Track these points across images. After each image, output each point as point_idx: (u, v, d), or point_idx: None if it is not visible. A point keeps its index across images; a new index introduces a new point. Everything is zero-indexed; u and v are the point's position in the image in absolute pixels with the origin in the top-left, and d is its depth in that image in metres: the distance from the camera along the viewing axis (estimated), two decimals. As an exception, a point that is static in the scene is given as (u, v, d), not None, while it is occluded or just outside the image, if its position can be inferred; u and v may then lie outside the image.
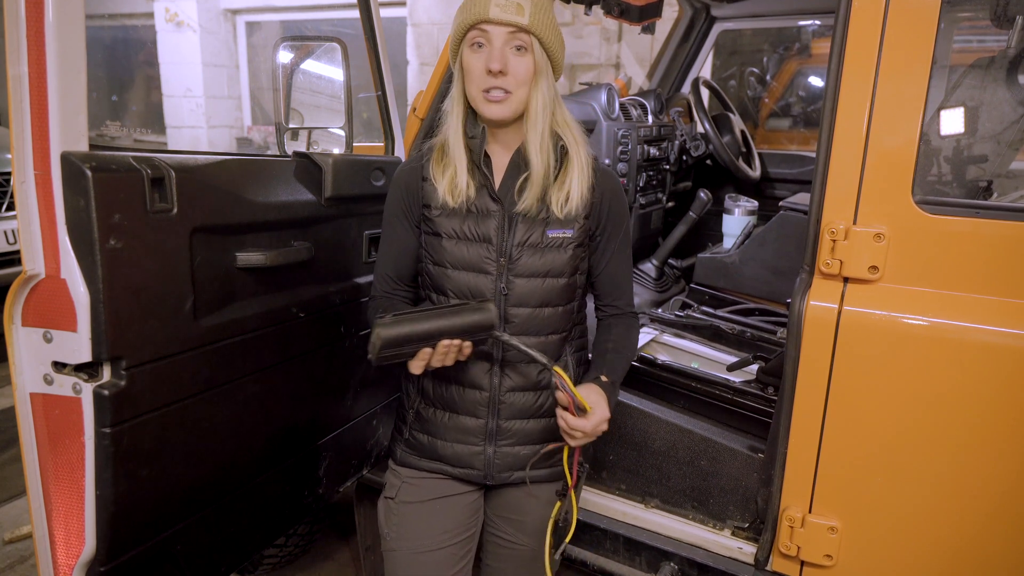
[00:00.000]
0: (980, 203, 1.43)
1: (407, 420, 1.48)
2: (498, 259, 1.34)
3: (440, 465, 1.44)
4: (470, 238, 1.35)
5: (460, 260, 1.35)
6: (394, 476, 1.50)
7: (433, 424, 1.44)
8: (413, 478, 1.47)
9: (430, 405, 1.44)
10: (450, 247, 1.35)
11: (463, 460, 1.42)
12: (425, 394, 1.45)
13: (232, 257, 1.38)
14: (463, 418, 1.41)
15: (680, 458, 1.72)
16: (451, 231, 1.35)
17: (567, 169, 1.35)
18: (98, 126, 8.14)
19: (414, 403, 1.47)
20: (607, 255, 1.42)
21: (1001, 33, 1.82)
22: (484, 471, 1.42)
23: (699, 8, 3.11)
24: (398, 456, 1.50)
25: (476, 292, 1.35)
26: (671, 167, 2.88)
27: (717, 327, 2.37)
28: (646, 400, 1.83)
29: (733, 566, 1.60)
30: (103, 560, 1.22)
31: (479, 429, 1.40)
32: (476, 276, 1.34)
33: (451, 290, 1.36)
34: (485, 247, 1.34)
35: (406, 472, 1.48)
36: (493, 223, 1.34)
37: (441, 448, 1.43)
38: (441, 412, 1.43)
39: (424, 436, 1.45)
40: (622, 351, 1.42)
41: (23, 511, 2.64)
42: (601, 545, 1.76)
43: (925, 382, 1.30)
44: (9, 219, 4.08)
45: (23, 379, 1.20)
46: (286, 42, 1.74)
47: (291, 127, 1.77)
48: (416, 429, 1.46)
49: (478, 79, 1.28)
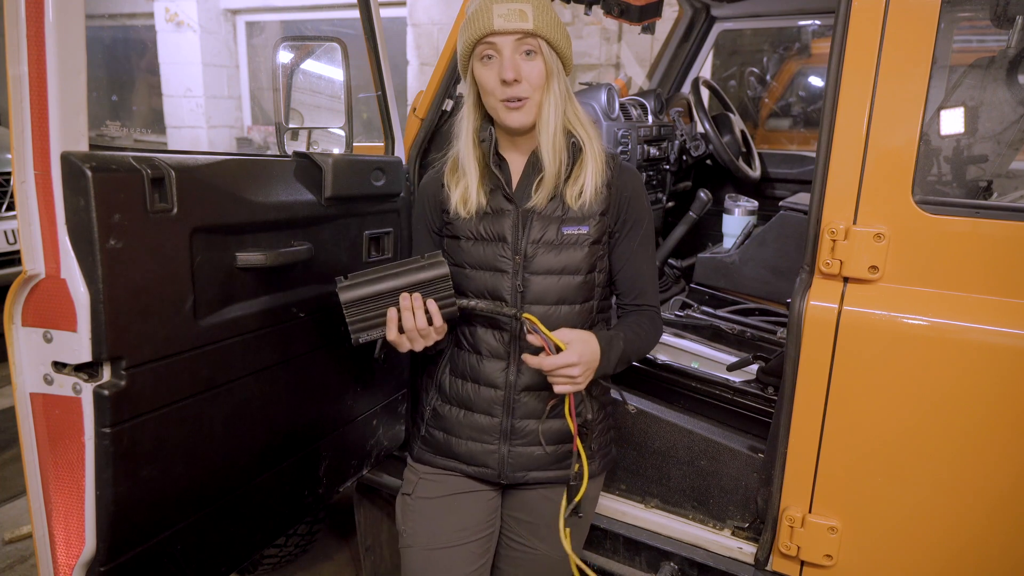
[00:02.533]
0: (980, 203, 1.43)
1: (424, 417, 1.51)
2: (513, 257, 1.36)
3: (455, 463, 1.46)
4: (487, 238, 1.38)
5: (477, 260, 1.38)
6: (411, 473, 1.52)
7: (449, 421, 1.46)
8: (430, 475, 1.49)
9: (446, 402, 1.47)
10: (468, 248, 1.38)
11: (477, 458, 1.43)
12: (442, 391, 1.48)
13: (232, 257, 1.38)
14: (478, 416, 1.42)
15: (680, 458, 1.72)
16: (469, 232, 1.39)
17: (581, 165, 1.36)
18: (98, 126, 8.14)
19: (432, 400, 1.50)
20: (627, 253, 1.42)
21: (1001, 33, 1.82)
22: (498, 470, 1.42)
23: (699, 8, 3.11)
24: (415, 452, 1.52)
25: (493, 291, 1.37)
26: (671, 167, 2.88)
27: (717, 327, 2.37)
28: (646, 400, 1.83)
29: (733, 566, 1.60)
30: (103, 560, 1.22)
31: (494, 427, 1.41)
32: (493, 275, 1.37)
33: (470, 290, 1.39)
34: (501, 246, 1.37)
35: (423, 469, 1.50)
36: (508, 222, 1.36)
37: (456, 445, 1.45)
38: (457, 410, 1.45)
39: (440, 433, 1.47)
40: (637, 330, 1.41)
41: (23, 511, 2.64)
42: (601, 545, 1.76)
43: (925, 382, 1.30)
44: (9, 219, 4.08)
45: (23, 379, 1.20)
46: (286, 42, 1.74)
47: (291, 127, 1.77)
48: (432, 426, 1.49)
49: (494, 90, 1.29)
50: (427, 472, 1.49)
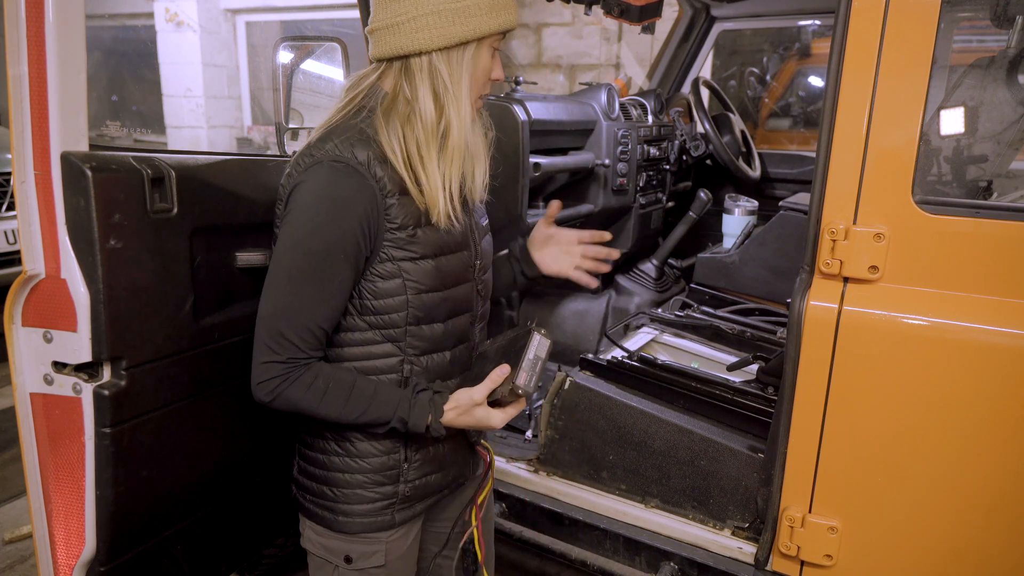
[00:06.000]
0: (980, 203, 1.43)
1: (399, 476, 1.27)
2: (475, 262, 1.28)
3: (438, 495, 1.36)
4: (453, 249, 1.23)
5: (450, 277, 1.23)
6: (368, 544, 1.28)
7: (433, 463, 1.31)
8: (401, 529, 1.30)
9: (426, 441, 1.27)
10: (439, 265, 1.20)
11: (459, 473, 1.38)
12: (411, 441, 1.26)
13: (232, 257, 1.38)
14: (456, 437, 1.33)
15: (680, 458, 1.72)
16: (434, 248, 1.20)
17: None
18: (98, 126, 8.14)
19: (404, 450, 1.27)
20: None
21: (1001, 33, 1.82)
22: (471, 470, 1.42)
23: (699, 8, 3.11)
24: (390, 520, 1.28)
25: (462, 305, 1.27)
26: (671, 167, 2.88)
27: (717, 327, 2.37)
28: (646, 400, 1.83)
29: (733, 566, 1.60)
30: (103, 560, 1.22)
31: (463, 441, 1.37)
32: (460, 288, 1.25)
33: (446, 313, 1.24)
34: (463, 254, 1.25)
35: (390, 533, 1.29)
36: (462, 226, 1.25)
37: (444, 477, 1.34)
38: (439, 443, 1.30)
39: (424, 479, 1.30)
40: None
41: (23, 511, 2.64)
42: (601, 545, 1.76)
43: (925, 382, 1.30)
44: (9, 219, 4.08)
45: (23, 379, 1.20)
46: (286, 42, 1.74)
47: (291, 127, 1.77)
48: (415, 476, 1.29)
49: (483, 85, 1.22)
50: (397, 531, 1.29)
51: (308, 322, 1.13)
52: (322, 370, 1.16)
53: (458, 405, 1.18)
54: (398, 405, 1.18)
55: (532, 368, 1.16)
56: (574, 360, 2.06)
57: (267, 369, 1.13)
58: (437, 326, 1.23)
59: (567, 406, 1.85)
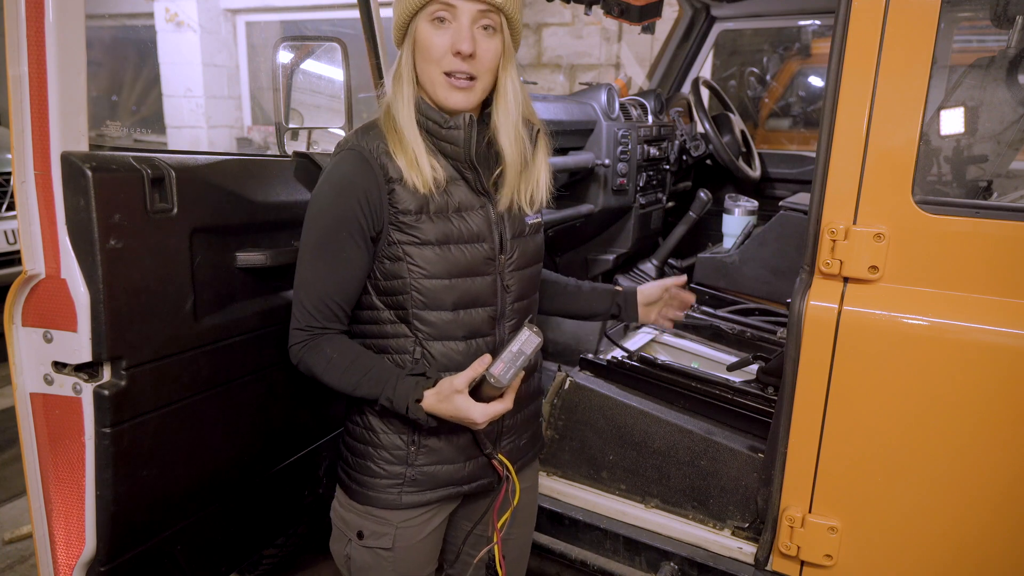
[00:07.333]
0: (980, 203, 1.43)
1: (407, 458, 1.29)
2: (497, 256, 1.27)
3: (453, 489, 1.33)
4: (466, 239, 1.23)
5: (459, 266, 1.23)
6: (375, 523, 1.31)
7: (443, 453, 1.31)
8: (414, 517, 1.32)
9: (434, 434, 1.29)
10: (446, 253, 1.22)
11: (477, 475, 1.35)
12: (418, 427, 1.28)
13: (232, 257, 1.38)
14: (470, 434, 1.31)
15: (680, 458, 1.72)
16: (440, 235, 1.21)
17: (536, 157, 1.30)
18: (98, 126, 8.13)
19: (413, 437, 1.29)
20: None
21: (1001, 33, 1.82)
22: (494, 476, 1.37)
23: (699, 8, 3.11)
24: (387, 500, 1.30)
25: (479, 298, 1.26)
26: (671, 167, 2.88)
27: (717, 327, 2.37)
28: (646, 400, 1.83)
29: (733, 566, 1.60)
30: (103, 560, 1.22)
31: (488, 436, 1.33)
32: (475, 280, 1.25)
33: (454, 302, 1.24)
34: (481, 246, 1.25)
35: (402, 515, 1.31)
36: (481, 219, 1.25)
37: (456, 472, 1.32)
38: (448, 436, 1.30)
39: (432, 467, 1.31)
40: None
41: (23, 511, 2.64)
42: (601, 545, 1.76)
43: (925, 382, 1.30)
44: (9, 219, 4.08)
45: (23, 379, 1.20)
46: (286, 42, 1.74)
47: (291, 127, 1.77)
48: (423, 463, 1.30)
49: (440, 60, 1.15)
50: (408, 517, 1.31)
51: (321, 294, 1.22)
52: (335, 341, 1.25)
53: (439, 391, 1.19)
54: (386, 383, 1.22)
55: (512, 361, 1.16)
56: (574, 360, 2.07)
57: (293, 336, 1.25)
58: (445, 314, 1.25)
59: (567, 406, 1.85)
